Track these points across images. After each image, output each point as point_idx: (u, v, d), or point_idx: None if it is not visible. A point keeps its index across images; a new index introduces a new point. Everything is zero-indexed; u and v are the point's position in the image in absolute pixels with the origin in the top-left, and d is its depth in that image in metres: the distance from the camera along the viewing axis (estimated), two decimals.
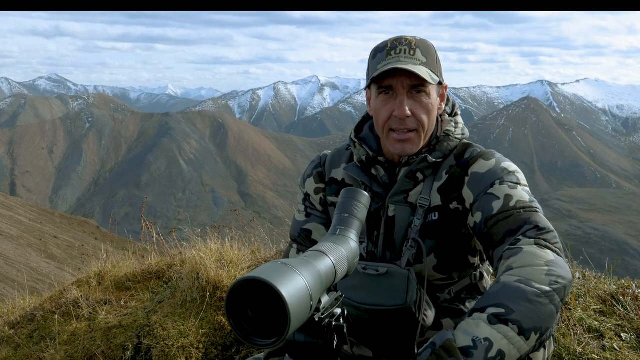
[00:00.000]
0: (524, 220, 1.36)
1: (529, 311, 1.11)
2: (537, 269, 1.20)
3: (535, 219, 1.36)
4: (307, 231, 1.78)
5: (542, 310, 1.13)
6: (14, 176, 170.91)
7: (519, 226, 1.36)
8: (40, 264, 21.85)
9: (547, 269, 1.20)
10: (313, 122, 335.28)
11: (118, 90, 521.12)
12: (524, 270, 1.20)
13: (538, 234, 1.32)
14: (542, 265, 1.21)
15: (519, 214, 1.38)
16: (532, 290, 1.15)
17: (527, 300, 1.13)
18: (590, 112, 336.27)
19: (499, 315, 1.10)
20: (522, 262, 1.23)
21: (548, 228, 1.35)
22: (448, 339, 1.07)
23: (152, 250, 3.78)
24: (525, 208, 1.40)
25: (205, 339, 2.65)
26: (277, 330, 0.85)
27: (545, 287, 1.16)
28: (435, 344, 1.07)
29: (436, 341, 1.08)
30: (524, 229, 1.34)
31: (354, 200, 1.16)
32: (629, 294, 2.48)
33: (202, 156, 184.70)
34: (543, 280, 1.17)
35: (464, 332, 1.09)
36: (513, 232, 1.36)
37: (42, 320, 3.08)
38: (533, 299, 1.13)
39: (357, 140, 1.70)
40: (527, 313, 1.11)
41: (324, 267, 0.94)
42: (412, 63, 1.50)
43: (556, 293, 1.17)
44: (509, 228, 1.37)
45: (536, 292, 1.14)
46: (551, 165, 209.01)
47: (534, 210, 1.40)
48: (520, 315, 1.10)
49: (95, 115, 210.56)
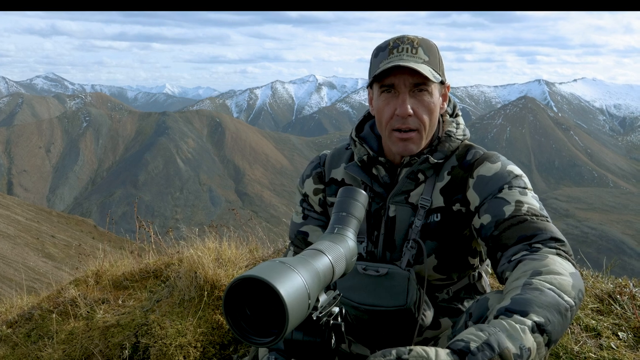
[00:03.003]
0: (538, 228, 1.37)
1: (559, 324, 1.11)
2: (565, 279, 1.19)
3: (550, 229, 1.37)
4: (304, 233, 1.78)
5: (565, 324, 1.14)
6: (11, 175, 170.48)
7: (534, 234, 1.36)
8: (38, 263, 21.82)
9: (572, 282, 1.19)
10: (310, 121, 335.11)
11: (115, 89, 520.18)
12: (555, 279, 1.19)
13: (558, 245, 1.33)
14: (567, 276, 1.21)
15: (533, 221, 1.39)
16: (564, 303, 1.14)
17: (560, 313, 1.12)
18: (588, 111, 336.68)
19: (540, 325, 1.08)
20: (550, 270, 1.21)
21: (564, 240, 1.36)
22: (507, 347, 1.02)
23: (149, 250, 3.77)
24: (537, 216, 1.40)
25: (203, 337, 2.65)
26: (275, 328, 0.85)
27: (572, 301, 1.16)
28: (493, 349, 1.01)
29: (493, 344, 1.02)
30: (540, 237, 1.35)
31: (352, 199, 1.16)
32: (626, 293, 2.49)
33: (200, 155, 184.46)
34: (570, 292, 1.17)
35: (511, 337, 1.04)
36: (527, 238, 1.36)
37: (40, 319, 3.07)
38: (563, 312, 1.13)
39: (357, 140, 1.70)
40: (558, 326, 1.11)
41: (321, 266, 0.94)
42: (414, 61, 1.50)
43: (576, 307, 1.17)
44: (523, 234, 1.37)
45: (566, 306, 1.14)
46: (548, 165, 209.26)
47: (545, 219, 1.41)
48: (553, 328, 1.10)
49: (93, 114, 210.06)
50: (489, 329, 1.05)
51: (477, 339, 1.02)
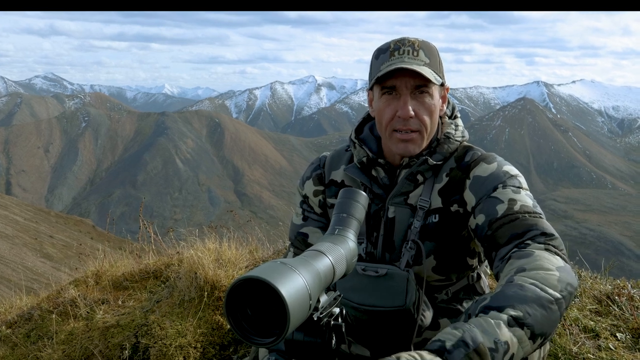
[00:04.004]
0: (529, 225, 1.38)
1: (542, 317, 1.12)
2: (550, 274, 1.20)
3: (541, 225, 1.38)
4: (304, 235, 1.79)
5: (551, 317, 1.14)
6: (9, 175, 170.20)
7: (525, 230, 1.37)
8: (36, 264, 21.78)
9: (558, 275, 1.20)
10: (310, 122, 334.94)
11: (114, 89, 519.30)
12: (538, 274, 1.20)
13: (547, 239, 1.34)
14: (553, 270, 1.21)
15: (525, 218, 1.39)
16: (546, 296, 1.15)
17: (542, 305, 1.13)
18: (586, 113, 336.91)
19: (517, 318, 1.09)
20: (535, 265, 1.23)
21: (554, 235, 1.36)
22: (481, 342, 1.03)
23: (149, 250, 3.77)
24: (530, 213, 1.41)
25: (203, 338, 2.66)
26: (276, 329, 0.85)
27: (557, 294, 1.16)
28: (468, 344, 1.03)
29: (467, 341, 1.03)
30: (530, 234, 1.36)
31: (352, 201, 1.17)
32: (624, 294, 2.50)
33: (199, 156, 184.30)
34: (555, 286, 1.18)
35: (486, 332, 1.06)
36: (519, 235, 1.37)
37: (40, 319, 3.08)
38: (546, 305, 1.14)
39: (357, 141, 1.71)
40: (540, 319, 1.11)
41: (322, 267, 0.95)
42: (416, 64, 1.51)
43: (564, 300, 1.18)
44: (514, 232, 1.38)
45: (549, 299, 1.15)
46: (547, 166, 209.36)
47: (538, 216, 1.41)
48: (534, 320, 1.10)
49: (92, 114, 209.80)
50: (463, 326, 1.07)
51: (453, 337, 1.04)
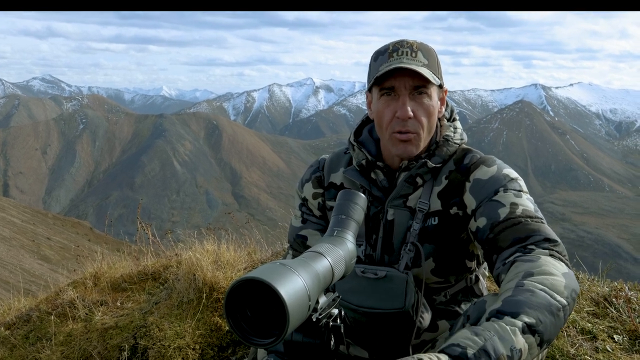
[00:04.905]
0: (532, 230, 1.38)
1: (551, 324, 1.13)
2: (557, 280, 1.21)
3: (544, 230, 1.39)
4: (303, 237, 1.79)
5: (558, 324, 1.15)
6: (7, 177, 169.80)
7: (528, 235, 1.37)
8: (33, 265, 21.72)
9: (565, 282, 1.21)
10: (307, 124, 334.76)
11: (112, 91, 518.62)
12: (547, 280, 1.20)
13: (550, 245, 1.35)
14: (559, 276, 1.22)
15: (527, 223, 1.40)
16: (556, 304, 1.16)
17: (551, 313, 1.14)
18: (584, 115, 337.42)
19: (531, 325, 1.09)
20: (542, 270, 1.23)
21: (557, 240, 1.37)
22: (502, 354, 1.03)
23: (148, 252, 3.77)
24: (532, 218, 1.42)
25: (201, 339, 2.66)
26: (275, 330, 0.86)
27: (564, 301, 1.17)
28: (490, 355, 1.03)
29: (489, 351, 1.03)
30: (533, 239, 1.36)
31: (351, 202, 1.17)
32: (622, 296, 2.50)
33: (197, 158, 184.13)
34: (562, 292, 1.18)
35: (502, 339, 1.06)
36: (522, 240, 1.37)
37: (38, 321, 3.08)
38: (555, 312, 1.14)
39: (356, 144, 1.71)
40: (550, 326, 1.12)
41: (321, 268, 0.95)
42: (414, 64, 1.52)
43: (569, 307, 1.19)
44: (517, 236, 1.38)
45: (558, 306, 1.15)
46: (545, 169, 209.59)
47: (540, 221, 1.42)
48: (544, 328, 1.11)
49: (89, 116, 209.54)
50: (484, 333, 1.07)
51: (474, 345, 1.04)
